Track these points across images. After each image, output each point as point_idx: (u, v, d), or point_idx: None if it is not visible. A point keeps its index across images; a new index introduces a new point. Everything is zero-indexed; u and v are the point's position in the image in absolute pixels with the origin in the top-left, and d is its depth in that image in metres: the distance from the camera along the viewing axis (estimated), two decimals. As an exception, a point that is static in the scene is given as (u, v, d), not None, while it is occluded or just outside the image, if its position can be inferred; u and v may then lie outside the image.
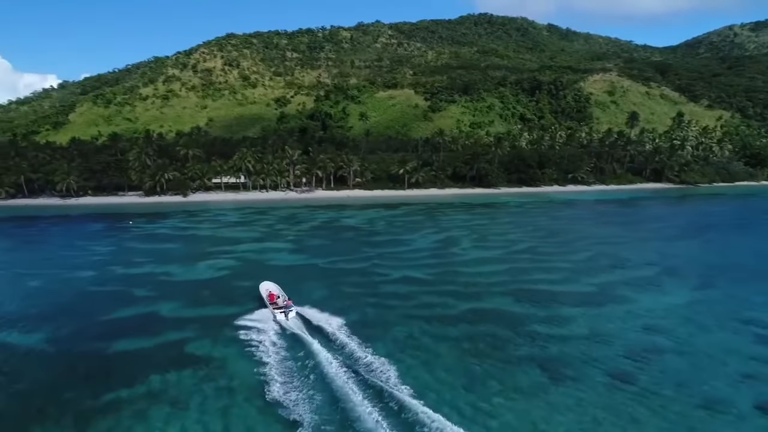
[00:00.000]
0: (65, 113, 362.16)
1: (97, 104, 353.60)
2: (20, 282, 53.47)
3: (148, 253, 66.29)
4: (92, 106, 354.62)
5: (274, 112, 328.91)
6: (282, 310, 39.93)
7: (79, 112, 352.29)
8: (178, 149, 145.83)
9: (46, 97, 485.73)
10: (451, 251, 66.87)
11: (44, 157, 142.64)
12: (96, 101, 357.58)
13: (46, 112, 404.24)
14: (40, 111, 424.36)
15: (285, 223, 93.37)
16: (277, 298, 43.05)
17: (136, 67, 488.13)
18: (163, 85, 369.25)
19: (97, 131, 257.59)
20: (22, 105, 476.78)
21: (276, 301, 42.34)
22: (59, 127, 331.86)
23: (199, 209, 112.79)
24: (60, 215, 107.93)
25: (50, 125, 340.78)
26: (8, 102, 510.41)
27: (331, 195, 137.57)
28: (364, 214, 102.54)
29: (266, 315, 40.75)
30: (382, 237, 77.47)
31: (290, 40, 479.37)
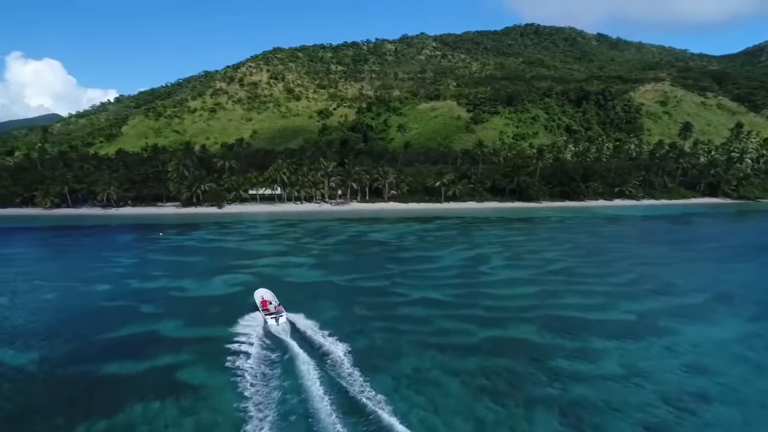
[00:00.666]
0: (118, 126, 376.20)
1: (148, 117, 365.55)
2: (35, 294, 52.87)
3: (168, 267, 65.15)
4: (144, 119, 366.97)
5: (316, 124, 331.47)
6: (273, 316, 41.31)
7: (131, 125, 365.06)
8: (215, 161, 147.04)
9: (102, 111, 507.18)
10: (479, 270, 62.71)
11: (88, 168, 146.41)
12: (147, 114, 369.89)
13: (101, 125, 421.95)
14: (97, 124, 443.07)
15: (312, 236, 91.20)
16: (269, 304, 44.48)
17: (187, 81, 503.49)
18: (211, 98, 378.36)
19: (146, 143, 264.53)
20: (81, 118, 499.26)
21: (268, 307, 43.73)
22: (112, 139, 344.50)
23: (232, 221, 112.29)
24: (98, 225, 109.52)
25: (104, 137, 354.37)
26: (69, 115, 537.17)
27: (365, 207, 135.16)
28: (395, 229, 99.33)
29: (257, 330, 40.10)
30: (409, 253, 73.94)
31: (335, 53, 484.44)
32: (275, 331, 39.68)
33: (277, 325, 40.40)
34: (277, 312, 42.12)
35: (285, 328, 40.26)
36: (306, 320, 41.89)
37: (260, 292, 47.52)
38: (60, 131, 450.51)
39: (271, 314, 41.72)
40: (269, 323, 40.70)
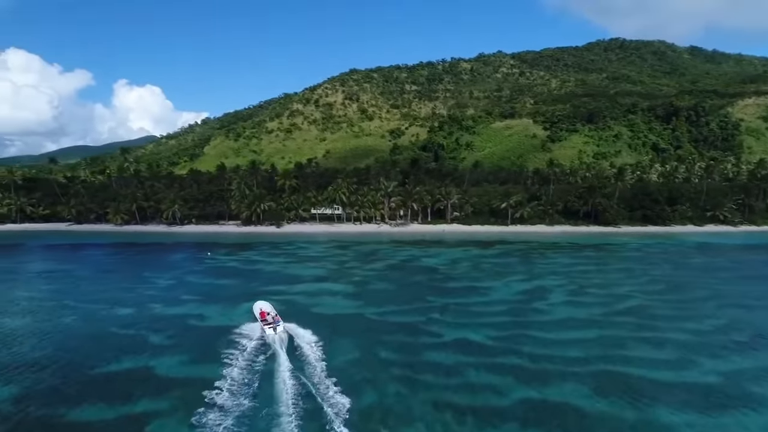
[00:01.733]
0: (201, 146, 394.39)
1: (228, 138, 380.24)
2: (55, 317, 51.08)
3: (199, 291, 62.19)
4: (224, 139, 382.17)
5: (388, 144, 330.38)
6: (271, 326, 43.16)
7: (212, 145, 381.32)
8: (276, 180, 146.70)
9: (190, 132, 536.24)
10: (532, 306, 54.59)
11: (158, 187, 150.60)
12: (227, 135, 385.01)
13: (187, 145, 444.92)
14: (183, 144, 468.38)
15: (360, 260, 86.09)
16: (268, 315, 46.12)
17: (268, 103, 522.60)
18: (287, 119, 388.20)
19: (221, 162, 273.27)
20: (171, 139, 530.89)
21: (266, 318, 45.36)
22: (195, 158, 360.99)
23: (285, 241, 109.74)
24: (156, 243, 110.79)
25: (188, 157, 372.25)
26: (160, 136, 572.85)
27: (425, 229, 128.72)
28: (450, 253, 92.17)
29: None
30: (457, 283, 66.79)
31: (410, 73, 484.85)
32: (272, 341, 41.12)
33: (275, 334, 42.10)
34: (274, 322, 44.12)
35: (282, 338, 41.81)
36: (312, 353, 39.03)
37: (259, 305, 49.69)
38: (151, 151, 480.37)
39: (269, 324, 43.66)
40: (267, 333, 42.49)
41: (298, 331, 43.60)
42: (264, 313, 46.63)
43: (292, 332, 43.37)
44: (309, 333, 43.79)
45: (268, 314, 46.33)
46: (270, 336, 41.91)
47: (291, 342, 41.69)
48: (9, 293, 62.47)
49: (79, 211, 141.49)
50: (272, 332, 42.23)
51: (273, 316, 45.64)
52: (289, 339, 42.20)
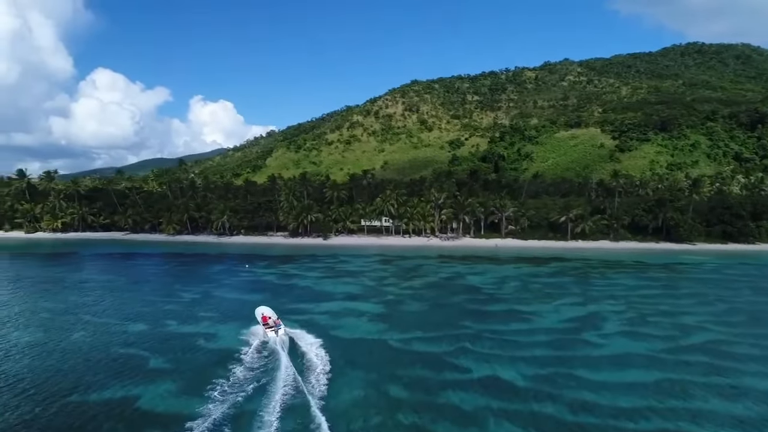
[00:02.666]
0: (264, 158, 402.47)
1: (289, 150, 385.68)
2: (65, 332, 49.06)
3: (221, 307, 59.02)
4: (285, 151, 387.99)
5: (447, 155, 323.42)
6: (272, 329, 45.50)
7: (274, 157, 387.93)
8: (325, 191, 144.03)
9: (255, 145, 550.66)
10: (581, 337, 47.19)
11: (211, 197, 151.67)
12: (289, 147, 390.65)
13: (251, 157, 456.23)
14: (249, 156, 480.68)
15: (399, 276, 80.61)
16: (269, 319, 47.79)
17: (330, 115, 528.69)
18: (347, 130, 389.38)
19: (272, 174, 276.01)
20: (238, 152, 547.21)
21: (268, 321, 47.17)
22: (257, 170, 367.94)
23: (328, 254, 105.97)
24: (200, 253, 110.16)
25: (251, 168, 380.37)
26: (227, 149, 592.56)
27: (477, 244, 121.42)
28: (499, 271, 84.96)
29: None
30: (500, 306, 60.01)
31: (472, 83, 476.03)
32: (274, 343, 43.44)
33: (276, 337, 44.43)
34: (276, 325, 46.30)
35: (284, 340, 43.91)
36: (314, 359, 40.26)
37: (260, 309, 51.48)
38: (218, 163, 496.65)
39: (270, 327, 45.95)
40: (269, 336, 44.86)
41: (305, 349, 42.81)
42: (266, 318, 48.35)
43: (292, 335, 45.80)
44: (319, 362, 39.53)
45: (269, 318, 48.17)
46: (272, 339, 44.38)
47: (293, 346, 43.29)
48: (35, 303, 61.71)
49: (135, 220, 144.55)
50: (274, 335, 44.80)
51: (274, 320, 47.56)
52: (291, 343, 43.75)
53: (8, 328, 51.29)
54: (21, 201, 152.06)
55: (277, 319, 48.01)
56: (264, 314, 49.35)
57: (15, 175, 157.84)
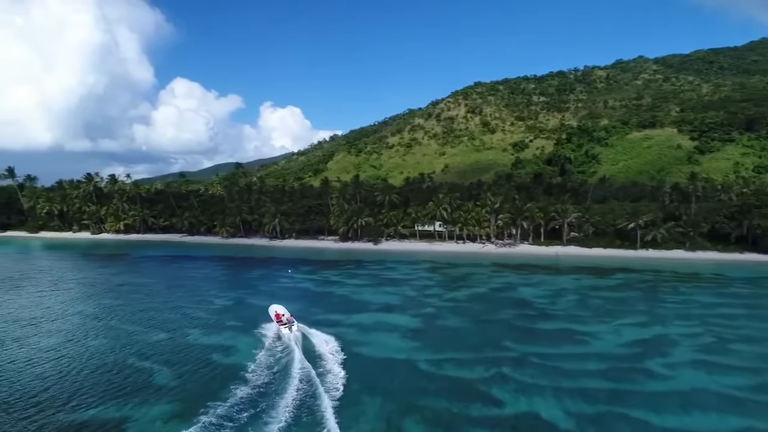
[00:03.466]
0: (325, 161, 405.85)
1: (350, 153, 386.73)
2: (84, 339, 47.72)
3: (249, 316, 55.98)
4: (346, 154, 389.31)
5: (510, 158, 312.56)
6: (286, 326, 47.21)
7: (335, 161, 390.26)
8: (376, 195, 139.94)
9: (319, 149, 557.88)
10: (644, 367, 40.19)
11: (265, 200, 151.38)
12: (350, 151, 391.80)
13: (314, 161, 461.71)
14: (312, 160, 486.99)
15: (445, 286, 75.04)
16: (282, 316, 49.97)
17: (392, 119, 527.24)
18: (408, 134, 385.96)
19: (337, 177, 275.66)
20: (302, 156, 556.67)
21: (281, 319, 49.21)
22: (318, 173, 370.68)
23: (375, 260, 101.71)
24: (248, 257, 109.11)
25: (312, 172, 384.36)
26: (292, 153, 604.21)
27: (535, 251, 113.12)
28: (555, 282, 77.38)
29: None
30: (551, 323, 53.36)
31: (538, 84, 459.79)
32: (288, 339, 45.32)
33: (290, 333, 46.34)
34: (289, 322, 48.13)
35: (297, 336, 45.98)
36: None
37: (274, 308, 53.43)
38: (283, 167, 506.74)
39: (284, 324, 47.80)
40: (283, 332, 46.76)
41: (318, 345, 44.64)
42: (279, 315, 50.41)
43: (305, 332, 47.72)
44: (333, 385, 35.89)
45: (282, 315, 50.31)
46: (286, 335, 46.27)
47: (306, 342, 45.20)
48: (69, 307, 61.24)
49: (191, 223, 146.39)
50: (287, 331, 46.69)
51: (287, 318, 49.57)
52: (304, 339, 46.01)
53: (33, 331, 50.50)
54: (88, 203, 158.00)
55: (290, 316, 50.12)
56: (277, 312, 51.42)
57: (83, 178, 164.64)
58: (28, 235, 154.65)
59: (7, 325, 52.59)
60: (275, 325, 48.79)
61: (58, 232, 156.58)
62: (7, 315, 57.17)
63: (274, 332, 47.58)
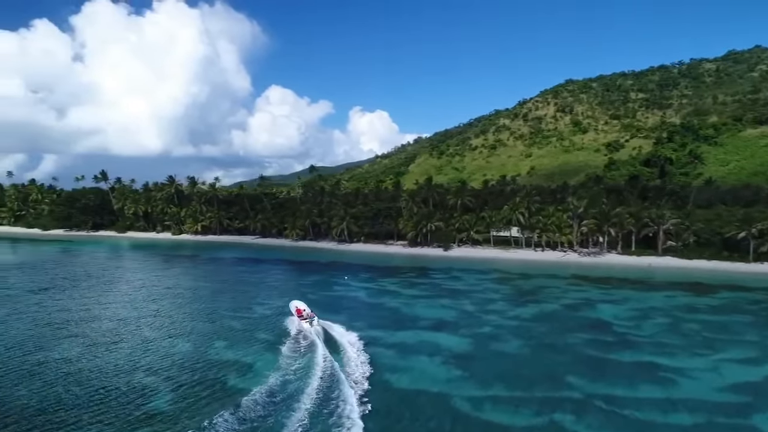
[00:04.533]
0: (407, 164, 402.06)
1: (432, 156, 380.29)
2: (108, 346, 44.82)
3: (286, 327, 51.17)
4: (428, 157, 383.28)
5: (602, 159, 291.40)
6: (307, 321, 49.10)
7: (417, 163, 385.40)
8: (448, 198, 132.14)
9: (402, 152, 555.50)
10: (753, 424, 30.45)
11: (335, 203, 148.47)
12: (431, 153, 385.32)
13: (397, 163, 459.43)
14: (395, 162, 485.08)
15: (511, 300, 66.59)
16: (303, 311, 51.31)
17: (478, 120, 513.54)
18: (493, 135, 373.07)
19: (416, 180, 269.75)
20: (386, 159, 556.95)
21: (302, 314, 50.74)
22: (400, 176, 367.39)
23: (442, 267, 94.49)
24: (310, 261, 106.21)
25: (393, 175, 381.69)
26: (375, 156, 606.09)
27: (624, 262, 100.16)
28: (644, 299, 66.24)
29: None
30: (632, 354, 43.89)
31: (636, 80, 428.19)
32: (309, 332, 47.02)
33: (310, 327, 47.93)
34: (310, 317, 49.79)
35: (318, 330, 47.53)
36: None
37: (294, 303, 55.26)
38: (367, 170, 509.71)
39: (304, 319, 49.56)
40: (304, 327, 48.42)
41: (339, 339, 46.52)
42: (300, 310, 52.21)
43: (326, 326, 49.51)
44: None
45: (303, 311, 51.89)
46: (307, 329, 48.09)
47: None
48: (107, 310, 59.68)
49: (263, 225, 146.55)
50: (308, 326, 48.53)
51: (308, 313, 51.13)
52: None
53: (58, 334, 48.68)
54: (170, 205, 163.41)
55: (311, 312, 51.56)
56: (298, 307, 53.29)
57: (166, 180, 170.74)
58: (117, 235, 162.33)
59: (35, 328, 51.37)
60: (296, 319, 51.16)
61: (143, 232, 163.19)
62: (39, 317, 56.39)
63: (296, 326, 49.86)
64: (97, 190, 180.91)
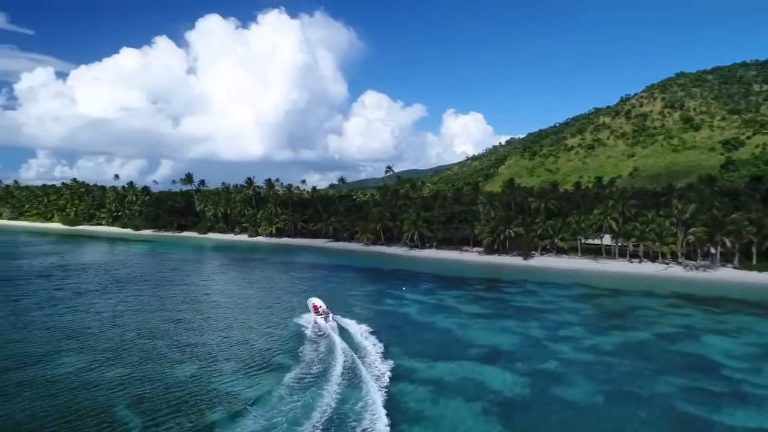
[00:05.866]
0: (497, 166, 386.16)
1: (523, 157, 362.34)
2: (110, 361, 39.66)
3: (309, 351, 44.01)
4: (519, 158, 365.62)
5: (718, 158, 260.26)
6: (322, 316, 51.65)
7: (507, 165, 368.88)
8: (531, 201, 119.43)
9: (493, 153, 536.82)
10: None
11: (409, 206, 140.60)
12: (522, 154, 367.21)
13: (487, 165, 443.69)
14: (485, 164, 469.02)
15: (591, 326, 54.98)
16: (320, 308, 53.66)
17: (575, 119, 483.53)
18: (591, 134, 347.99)
19: (502, 183, 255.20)
20: (476, 161, 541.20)
21: (318, 310, 53.30)
22: (489, 179, 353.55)
23: (515, 279, 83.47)
24: (372, 268, 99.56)
25: (482, 177, 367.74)
26: (465, 158, 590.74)
27: (742, 278, 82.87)
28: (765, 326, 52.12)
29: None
30: (751, 413, 31.92)
31: (761, 69, 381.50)
32: (325, 327, 49.49)
33: (325, 322, 50.37)
34: (325, 313, 52.27)
35: (333, 325, 49.83)
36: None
37: (311, 300, 56.59)
38: (455, 172, 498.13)
39: (320, 315, 52.16)
40: (320, 322, 50.95)
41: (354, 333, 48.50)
42: (316, 307, 53.92)
43: (341, 322, 51.21)
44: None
45: (319, 307, 53.59)
46: (322, 324, 50.07)
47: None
48: (139, 317, 55.49)
49: (335, 228, 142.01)
50: (323, 321, 50.52)
51: (324, 309, 52.92)
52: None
53: (69, 346, 44.61)
54: (247, 207, 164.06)
55: (326, 308, 53.37)
56: (315, 304, 54.90)
57: (245, 183, 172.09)
58: (198, 236, 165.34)
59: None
60: (312, 315, 53.28)
61: (222, 233, 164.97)
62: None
63: (312, 321, 51.89)
64: (183, 193, 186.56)
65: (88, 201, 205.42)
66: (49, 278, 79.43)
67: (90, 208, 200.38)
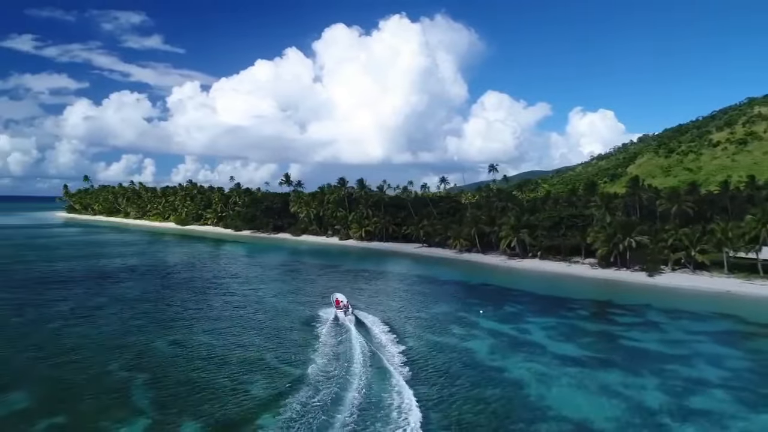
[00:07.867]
0: (625, 165, 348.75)
1: (657, 155, 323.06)
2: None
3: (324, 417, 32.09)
4: (653, 156, 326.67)
5: None
6: (343, 311, 54.19)
7: (637, 164, 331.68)
8: (659, 204, 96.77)
9: (622, 151, 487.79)
10: None
11: (511, 208, 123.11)
12: (657, 152, 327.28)
13: (614, 164, 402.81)
14: (612, 163, 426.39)
15: (746, 390, 36.62)
16: (341, 302, 55.99)
17: (723, 111, 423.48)
18: (743, 127, 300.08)
19: (627, 184, 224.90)
20: (602, 160, 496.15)
21: (339, 305, 55.68)
22: (615, 179, 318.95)
23: (637, 302, 64.39)
24: (457, 281, 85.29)
25: (608, 177, 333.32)
26: (590, 158, 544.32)
27: None
28: None
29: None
30: None
31: None
32: (344, 320, 52.14)
33: (345, 316, 52.78)
34: (346, 307, 54.63)
35: (351, 319, 52.06)
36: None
37: (335, 295, 59.27)
38: (578, 172, 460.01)
39: (340, 309, 54.79)
40: (340, 315, 53.62)
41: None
42: (338, 301, 56.78)
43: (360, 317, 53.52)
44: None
45: (341, 302, 56.16)
46: (341, 317, 53.30)
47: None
48: (154, 336, 46.93)
49: (427, 232, 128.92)
50: (342, 315, 53.63)
51: (345, 304, 55.54)
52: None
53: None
54: (340, 208, 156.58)
55: (347, 303, 55.73)
56: (338, 298, 57.26)
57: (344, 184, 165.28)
58: (292, 238, 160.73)
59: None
60: (334, 308, 55.92)
61: (315, 235, 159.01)
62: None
63: (333, 314, 54.45)
64: (281, 194, 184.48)
65: (197, 201, 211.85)
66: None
67: (198, 209, 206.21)
